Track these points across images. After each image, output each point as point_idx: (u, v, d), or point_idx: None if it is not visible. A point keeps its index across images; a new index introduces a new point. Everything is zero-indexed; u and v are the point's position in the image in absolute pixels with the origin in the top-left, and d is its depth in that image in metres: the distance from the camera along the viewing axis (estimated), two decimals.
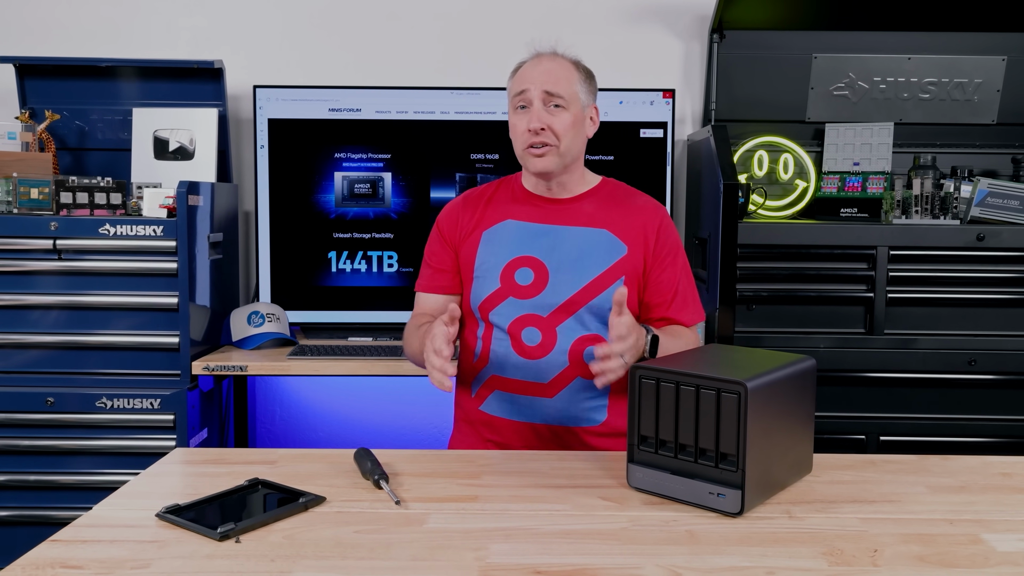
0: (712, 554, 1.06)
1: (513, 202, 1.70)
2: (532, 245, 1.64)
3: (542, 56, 1.66)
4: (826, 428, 2.31)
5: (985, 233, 2.31)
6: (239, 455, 1.51)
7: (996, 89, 2.71)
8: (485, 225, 1.68)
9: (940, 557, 1.07)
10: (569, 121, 1.61)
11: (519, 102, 1.62)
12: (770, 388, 1.21)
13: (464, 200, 1.74)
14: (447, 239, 1.71)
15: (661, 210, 1.71)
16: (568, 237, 1.64)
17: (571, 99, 1.62)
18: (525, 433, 1.63)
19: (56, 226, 2.24)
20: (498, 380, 1.64)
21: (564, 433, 1.62)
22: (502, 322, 1.62)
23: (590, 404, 1.62)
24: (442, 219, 1.74)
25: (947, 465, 1.43)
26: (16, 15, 2.79)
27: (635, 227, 1.65)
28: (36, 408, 2.27)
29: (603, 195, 1.70)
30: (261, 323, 2.47)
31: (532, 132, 1.59)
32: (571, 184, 1.68)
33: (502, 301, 1.62)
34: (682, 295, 1.66)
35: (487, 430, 1.67)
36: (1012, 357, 2.34)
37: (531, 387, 1.61)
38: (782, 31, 2.70)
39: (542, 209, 1.68)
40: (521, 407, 1.62)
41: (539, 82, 1.60)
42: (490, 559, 1.04)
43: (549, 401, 1.61)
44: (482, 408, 1.66)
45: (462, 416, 1.73)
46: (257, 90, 2.64)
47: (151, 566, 1.02)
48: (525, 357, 1.61)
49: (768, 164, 2.68)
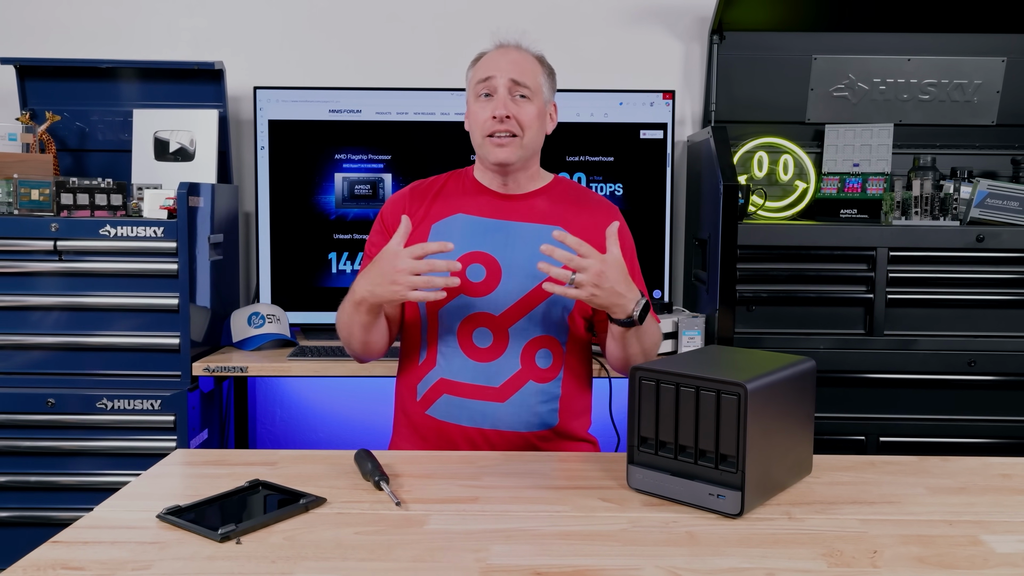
0: (712, 555, 1.07)
1: (464, 195, 1.64)
2: (484, 240, 1.58)
3: (507, 47, 1.63)
4: (826, 429, 2.31)
5: (985, 234, 2.32)
6: (240, 456, 1.51)
7: (996, 90, 2.71)
8: (434, 218, 1.62)
9: (940, 558, 1.07)
10: (534, 113, 1.58)
11: (483, 89, 1.58)
12: (770, 389, 1.21)
13: (411, 191, 1.68)
14: (391, 231, 1.58)
15: (615, 209, 1.68)
16: (522, 233, 1.59)
17: (536, 91, 1.59)
18: (474, 438, 1.56)
19: (57, 227, 2.24)
20: (447, 384, 1.56)
21: (516, 439, 1.56)
22: (452, 321, 1.56)
23: (543, 408, 1.57)
24: (386, 211, 1.67)
25: (947, 466, 1.44)
26: (17, 16, 2.79)
27: (590, 226, 1.60)
28: (37, 409, 2.27)
29: (557, 193, 1.66)
30: (261, 324, 2.47)
31: (496, 120, 1.55)
32: (525, 180, 1.65)
33: (452, 299, 1.55)
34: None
35: (434, 436, 1.59)
36: (1012, 358, 2.34)
37: (482, 391, 1.54)
38: (782, 32, 2.70)
39: (495, 204, 1.62)
40: (471, 412, 1.55)
41: (506, 71, 1.57)
42: (490, 560, 1.05)
43: (501, 406, 1.54)
44: (429, 412, 1.58)
45: (405, 421, 1.64)
46: (257, 91, 2.64)
47: (152, 567, 1.02)
48: (475, 360, 1.55)
49: (768, 165, 2.68)
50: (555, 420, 1.59)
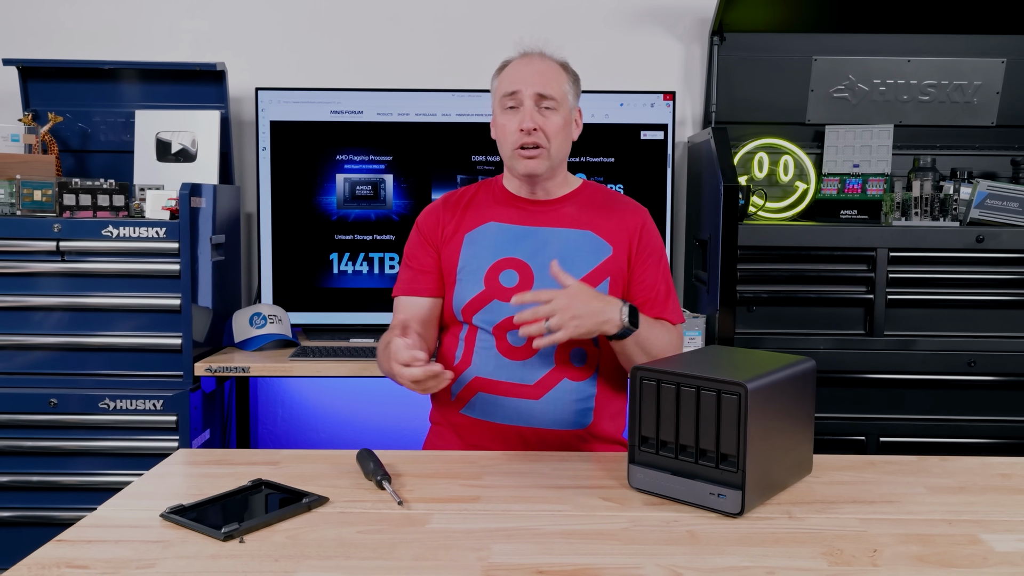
0: (712, 554, 1.07)
1: (495, 204, 1.67)
2: (516, 247, 1.62)
3: (532, 56, 1.63)
4: (826, 429, 2.31)
5: (984, 235, 2.32)
6: (242, 456, 1.52)
7: (995, 91, 2.71)
8: (467, 227, 1.66)
9: (939, 557, 1.07)
10: (560, 123, 1.60)
11: (509, 102, 1.59)
12: (770, 389, 1.21)
13: (444, 202, 1.71)
14: (428, 240, 1.68)
15: (643, 211, 1.69)
16: (553, 239, 1.62)
17: (561, 101, 1.60)
18: (509, 436, 1.58)
19: (59, 228, 2.25)
20: (482, 382, 1.59)
21: (550, 437, 1.58)
22: (487, 325, 1.59)
23: (577, 407, 1.58)
24: (422, 221, 1.71)
25: (946, 466, 1.44)
26: (19, 18, 2.80)
27: (619, 228, 1.63)
28: (39, 409, 2.28)
29: (584, 197, 1.68)
30: (263, 324, 2.47)
31: (524, 132, 1.57)
32: (554, 187, 1.67)
33: (487, 304, 1.59)
34: (662, 297, 1.64)
35: (469, 434, 1.62)
36: (1011, 358, 2.35)
37: (517, 389, 1.57)
38: (782, 33, 2.71)
39: (525, 211, 1.65)
40: (506, 410, 1.58)
41: (531, 83, 1.58)
42: (492, 559, 1.05)
43: (536, 403, 1.57)
44: (464, 411, 1.61)
45: (441, 419, 1.68)
46: (259, 92, 2.65)
47: (156, 566, 1.03)
48: (510, 358, 1.58)
49: (768, 166, 2.68)
50: (589, 419, 1.60)
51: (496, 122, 1.64)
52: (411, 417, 2.90)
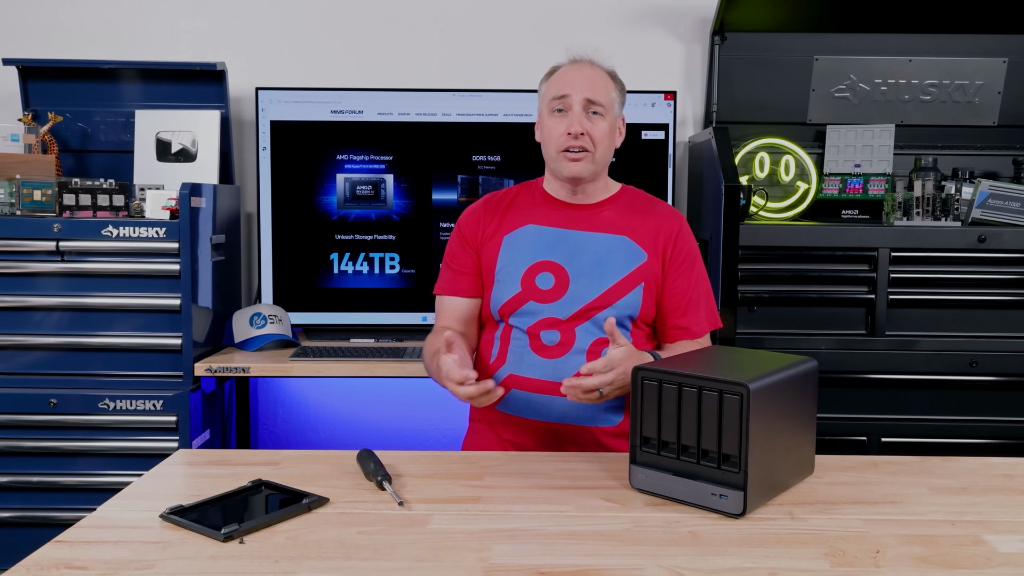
0: (714, 555, 1.07)
1: (535, 206, 1.71)
2: (553, 250, 1.65)
3: (582, 63, 1.67)
4: (828, 429, 2.31)
5: (986, 235, 2.32)
6: (242, 456, 1.51)
7: (997, 91, 2.71)
8: (506, 229, 1.69)
9: (942, 558, 1.07)
10: (606, 129, 1.63)
11: (557, 105, 1.63)
12: (772, 389, 1.21)
13: (485, 204, 1.75)
14: (469, 242, 1.72)
15: (680, 218, 1.72)
16: (589, 243, 1.65)
17: (608, 108, 1.63)
18: (542, 432, 1.63)
19: (59, 228, 2.25)
20: (515, 379, 1.63)
21: (581, 433, 1.62)
22: (522, 325, 1.64)
23: (607, 404, 1.61)
24: (463, 222, 1.75)
25: (949, 466, 1.44)
26: (19, 17, 2.80)
27: (654, 234, 1.66)
28: (39, 409, 2.27)
29: (623, 202, 1.71)
30: (263, 325, 2.47)
31: (571, 136, 1.60)
32: (594, 191, 1.70)
33: (522, 305, 1.63)
34: (695, 303, 1.66)
35: (504, 429, 1.67)
36: (1013, 359, 2.34)
37: (548, 386, 1.60)
38: (783, 33, 2.71)
39: (563, 214, 1.68)
40: (538, 406, 1.62)
41: (581, 88, 1.61)
42: (493, 560, 1.05)
43: (568, 401, 1.58)
44: (499, 408, 1.65)
45: (478, 415, 1.73)
46: (259, 92, 2.64)
47: (155, 567, 1.02)
48: (543, 356, 1.62)
49: (769, 166, 2.68)
50: (619, 417, 1.63)
51: (543, 124, 1.67)
52: (411, 418, 2.91)
